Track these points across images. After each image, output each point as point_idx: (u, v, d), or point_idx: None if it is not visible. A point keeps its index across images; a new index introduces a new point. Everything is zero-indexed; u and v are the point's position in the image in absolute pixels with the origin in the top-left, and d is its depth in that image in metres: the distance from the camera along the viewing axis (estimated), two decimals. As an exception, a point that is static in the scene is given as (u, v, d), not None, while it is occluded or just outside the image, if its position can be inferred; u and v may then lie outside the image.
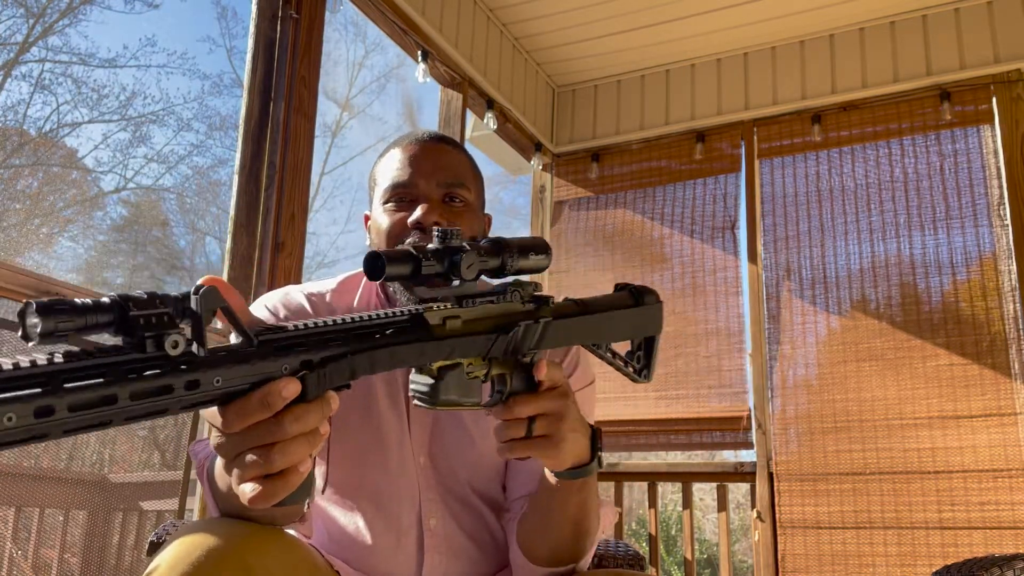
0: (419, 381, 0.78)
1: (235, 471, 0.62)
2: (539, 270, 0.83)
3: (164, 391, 0.54)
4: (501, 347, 0.79)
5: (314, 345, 0.63)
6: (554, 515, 0.97)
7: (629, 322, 0.93)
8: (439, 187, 1.06)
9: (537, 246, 0.82)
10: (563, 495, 0.95)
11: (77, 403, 0.50)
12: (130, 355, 0.53)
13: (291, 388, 0.60)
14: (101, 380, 0.51)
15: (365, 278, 1.17)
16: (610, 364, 0.94)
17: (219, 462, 0.84)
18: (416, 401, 0.78)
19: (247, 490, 0.61)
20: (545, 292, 0.87)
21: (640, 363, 0.97)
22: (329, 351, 0.64)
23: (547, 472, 0.94)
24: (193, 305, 0.56)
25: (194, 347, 0.56)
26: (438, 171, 1.07)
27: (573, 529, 0.99)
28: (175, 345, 0.54)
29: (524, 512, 1.04)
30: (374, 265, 0.72)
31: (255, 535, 0.83)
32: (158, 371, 0.54)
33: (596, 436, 0.92)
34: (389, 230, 1.06)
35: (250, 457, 0.60)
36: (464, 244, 0.76)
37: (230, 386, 0.58)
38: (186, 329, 0.56)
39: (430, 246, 0.75)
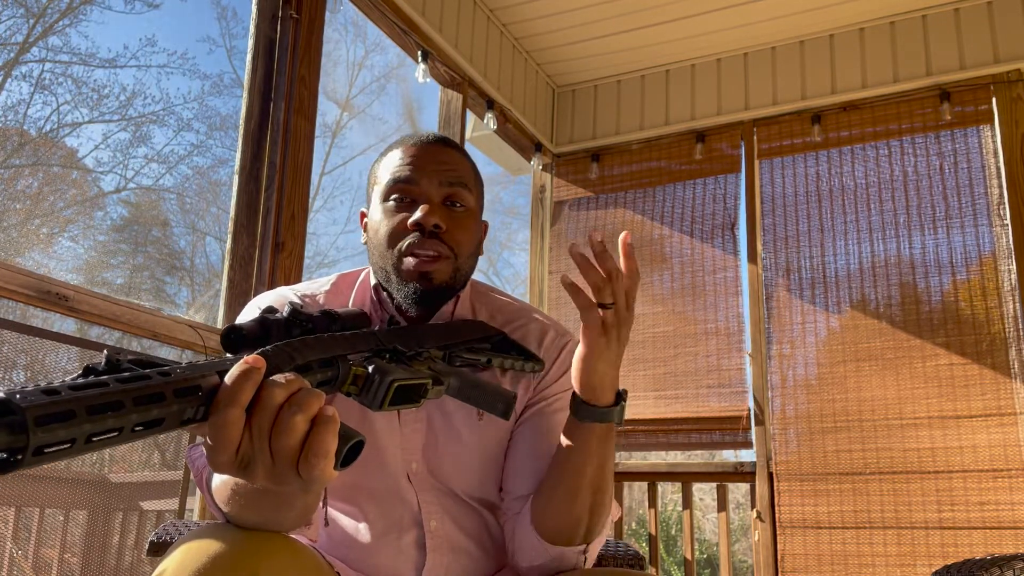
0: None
1: (283, 465, 0.60)
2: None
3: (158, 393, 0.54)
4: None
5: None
6: (575, 477, 0.98)
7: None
8: (441, 187, 1.06)
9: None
10: (584, 447, 0.97)
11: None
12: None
13: (255, 356, 0.61)
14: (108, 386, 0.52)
15: (360, 277, 1.17)
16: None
17: (224, 482, 0.84)
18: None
19: (309, 469, 0.59)
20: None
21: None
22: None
23: (569, 424, 0.98)
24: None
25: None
26: (441, 170, 1.06)
27: (592, 497, 0.99)
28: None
29: (542, 485, 1.03)
30: (228, 338, 0.72)
31: (263, 541, 0.82)
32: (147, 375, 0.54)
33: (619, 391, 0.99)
34: (390, 231, 1.05)
35: (278, 442, 0.59)
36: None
37: (197, 373, 0.58)
38: None
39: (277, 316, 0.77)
